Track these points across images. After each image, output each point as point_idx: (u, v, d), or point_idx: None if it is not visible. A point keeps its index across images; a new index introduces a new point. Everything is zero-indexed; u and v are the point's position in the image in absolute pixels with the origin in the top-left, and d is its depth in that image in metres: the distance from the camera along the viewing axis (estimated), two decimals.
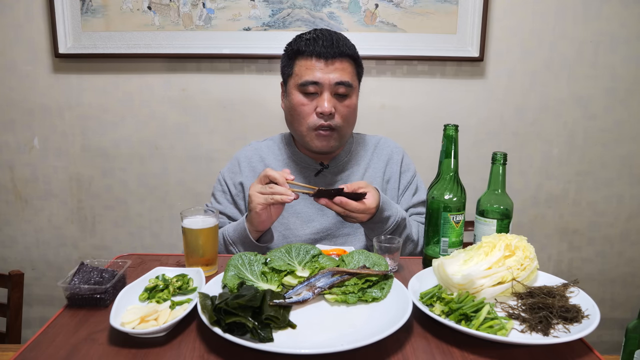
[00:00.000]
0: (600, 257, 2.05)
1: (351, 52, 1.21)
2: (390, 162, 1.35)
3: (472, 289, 0.85)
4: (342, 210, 1.08)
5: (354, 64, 1.23)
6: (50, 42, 1.87)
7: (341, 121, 1.21)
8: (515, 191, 1.97)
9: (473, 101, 1.92)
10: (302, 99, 1.21)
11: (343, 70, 1.19)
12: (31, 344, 0.76)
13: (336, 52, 1.18)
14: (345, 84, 1.18)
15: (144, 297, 0.88)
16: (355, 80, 1.23)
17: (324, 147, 1.23)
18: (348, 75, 1.19)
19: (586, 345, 0.78)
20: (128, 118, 1.95)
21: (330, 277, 0.89)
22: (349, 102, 1.21)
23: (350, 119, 1.24)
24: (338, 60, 1.18)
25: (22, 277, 1.47)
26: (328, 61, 1.18)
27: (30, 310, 2.10)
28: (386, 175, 1.34)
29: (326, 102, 1.17)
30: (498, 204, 1.03)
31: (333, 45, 1.18)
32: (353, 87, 1.21)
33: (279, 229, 1.28)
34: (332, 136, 1.22)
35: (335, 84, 1.18)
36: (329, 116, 1.19)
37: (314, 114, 1.20)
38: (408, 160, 1.39)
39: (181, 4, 1.83)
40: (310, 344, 0.74)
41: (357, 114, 1.27)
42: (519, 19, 1.85)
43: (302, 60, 1.20)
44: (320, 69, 1.18)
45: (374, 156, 1.35)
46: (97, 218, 2.03)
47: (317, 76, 1.18)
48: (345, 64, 1.20)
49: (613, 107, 1.92)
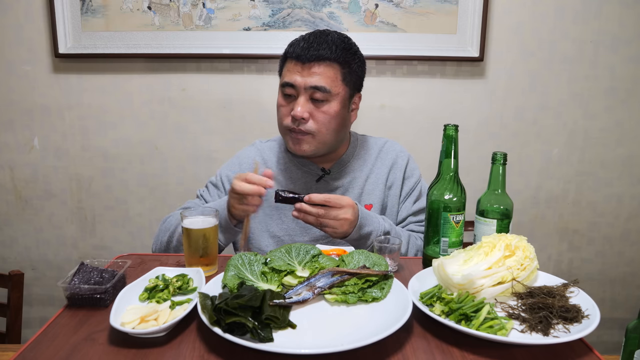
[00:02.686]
0: (600, 257, 2.05)
1: (335, 56, 1.15)
2: (394, 167, 1.32)
3: (472, 289, 0.85)
4: (313, 219, 1.07)
5: (339, 68, 1.17)
6: (50, 42, 1.87)
7: (316, 127, 1.17)
8: (515, 191, 1.97)
9: (473, 101, 1.92)
10: (282, 100, 1.20)
11: (320, 74, 1.14)
12: (31, 344, 0.76)
13: (313, 56, 1.14)
14: (320, 89, 1.14)
15: (144, 297, 0.88)
16: (338, 86, 1.17)
17: (297, 151, 1.21)
18: (326, 81, 1.15)
19: (586, 345, 0.78)
20: (128, 118, 1.95)
21: (330, 277, 0.89)
22: (326, 108, 1.16)
23: (329, 125, 1.18)
24: (316, 64, 1.14)
25: (22, 277, 1.47)
26: (305, 64, 1.15)
27: (30, 310, 2.10)
28: (389, 181, 1.31)
29: (299, 106, 1.15)
30: (498, 204, 1.03)
31: (312, 48, 1.14)
32: (332, 93, 1.16)
33: (279, 234, 1.27)
34: (305, 140, 1.18)
35: (310, 88, 1.15)
36: (300, 120, 1.16)
37: (289, 116, 1.18)
38: (413, 166, 1.36)
39: (181, 4, 1.83)
40: (310, 344, 0.74)
41: (342, 120, 1.21)
42: (519, 19, 1.85)
43: (288, 62, 1.19)
44: (298, 72, 1.16)
45: (378, 161, 1.32)
46: (97, 218, 2.03)
47: (293, 78, 1.16)
48: (324, 68, 1.15)
49: (613, 107, 1.92)
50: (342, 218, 1.07)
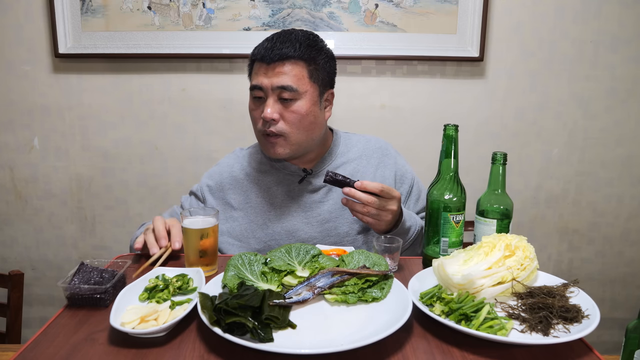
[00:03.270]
0: (600, 257, 2.05)
1: (299, 54, 1.13)
2: (381, 164, 1.30)
3: (472, 289, 0.85)
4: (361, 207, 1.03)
5: (305, 66, 1.14)
6: (50, 42, 1.87)
7: (287, 127, 1.14)
8: (515, 191, 1.97)
9: (473, 101, 1.92)
10: (252, 104, 1.19)
11: (286, 74, 1.12)
12: (31, 344, 0.76)
13: (277, 55, 1.12)
14: (287, 88, 1.12)
15: (144, 297, 0.88)
16: (305, 84, 1.14)
17: (272, 154, 1.18)
18: (292, 79, 1.12)
19: (586, 345, 0.78)
20: (128, 118, 1.95)
21: (330, 277, 0.89)
22: (295, 107, 1.14)
23: (300, 125, 1.15)
24: (279, 63, 1.12)
25: (22, 277, 1.47)
26: (270, 65, 1.13)
27: (30, 310, 2.10)
28: (377, 178, 1.28)
29: (268, 108, 1.12)
30: (498, 204, 1.03)
31: (275, 48, 1.12)
32: (299, 92, 1.13)
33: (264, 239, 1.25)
34: (278, 143, 1.16)
35: (277, 88, 1.12)
36: (271, 122, 1.14)
37: (261, 120, 1.16)
38: (402, 162, 1.33)
39: (181, 4, 1.83)
40: (310, 344, 0.74)
41: (313, 119, 1.18)
42: (519, 19, 1.85)
43: (255, 64, 1.18)
44: (263, 73, 1.14)
45: (363, 159, 1.30)
46: (97, 218, 2.03)
47: (260, 80, 1.14)
48: (289, 67, 1.13)
49: (613, 107, 1.92)
50: (389, 209, 1.05)
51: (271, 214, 1.24)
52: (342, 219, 1.24)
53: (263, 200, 1.26)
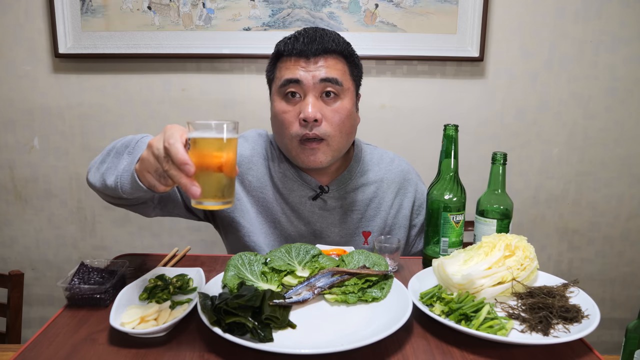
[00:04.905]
0: (600, 257, 2.05)
1: (341, 48, 1.04)
2: (401, 191, 1.20)
3: (472, 289, 0.85)
4: None
5: (345, 62, 1.06)
6: (50, 42, 1.87)
7: (330, 129, 1.03)
8: (515, 191, 1.97)
9: (473, 101, 1.92)
10: (284, 105, 1.05)
11: (329, 67, 1.02)
12: (31, 344, 0.76)
13: (319, 49, 1.02)
14: (332, 80, 1.01)
15: (144, 297, 0.88)
16: (347, 80, 1.05)
17: (312, 163, 1.05)
18: (337, 72, 1.02)
19: (586, 345, 0.78)
20: (128, 118, 1.95)
21: (330, 277, 0.89)
22: (339, 106, 1.03)
23: (342, 128, 1.04)
24: (322, 57, 1.02)
25: (22, 277, 1.47)
26: (311, 59, 1.02)
27: (30, 310, 2.10)
28: (394, 205, 1.19)
29: (310, 106, 1.00)
30: (498, 204, 1.03)
31: (316, 42, 1.02)
32: (344, 87, 1.04)
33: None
34: (321, 149, 1.03)
35: (320, 82, 1.01)
36: (313, 123, 1.01)
37: (297, 122, 1.02)
38: (422, 189, 1.23)
39: (181, 4, 1.83)
40: (310, 344, 0.74)
41: (353, 122, 1.08)
42: (519, 19, 1.85)
43: (283, 62, 1.05)
44: (302, 68, 1.02)
45: (384, 183, 1.18)
46: (97, 218, 2.03)
47: (297, 73, 1.02)
48: (332, 61, 1.03)
49: (613, 107, 1.92)
50: None
51: (282, 217, 1.15)
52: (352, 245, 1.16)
53: (276, 200, 1.14)
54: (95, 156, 1.00)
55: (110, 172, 0.91)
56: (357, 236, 1.17)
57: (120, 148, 0.94)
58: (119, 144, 0.96)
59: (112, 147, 0.97)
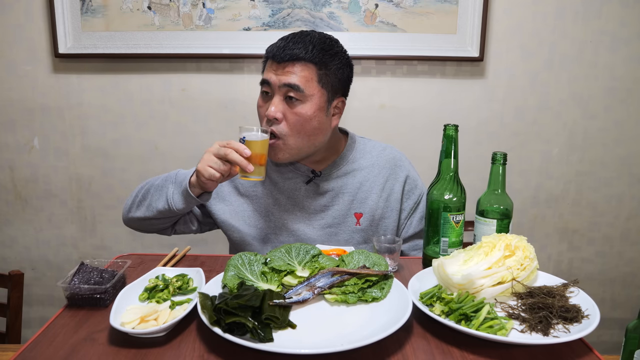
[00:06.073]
0: (600, 257, 2.05)
1: (311, 56, 1.11)
2: (392, 176, 1.26)
3: (472, 289, 0.85)
4: None
5: (316, 70, 1.12)
6: (50, 42, 1.87)
7: (287, 129, 1.12)
8: (515, 191, 1.97)
9: (473, 101, 1.92)
10: (260, 100, 1.18)
11: (295, 74, 1.10)
12: (31, 344, 0.76)
13: (287, 55, 1.10)
14: (293, 87, 1.09)
15: (144, 297, 0.88)
16: (312, 88, 1.11)
17: (272, 157, 1.15)
18: (299, 80, 1.10)
19: (586, 345, 0.78)
20: (128, 118, 1.95)
21: (330, 277, 0.89)
22: (300, 110, 1.11)
23: (302, 129, 1.12)
24: (290, 63, 1.10)
25: (22, 277, 1.47)
26: (280, 64, 1.11)
27: (30, 310, 2.10)
28: (385, 189, 1.25)
29: (273, 106, 1.11)
30: (498, 204, 1.03)
31: (287, 48, 1.11)
32: (305, 94, 1.10)
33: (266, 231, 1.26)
34: (278, 146, 1.13)
35: (283, 86, 1.10)
36: (274, 121, 1.12)
37: (265, 118, 1.14)
38: (414, 176, 1.29)
39: (181, 4, 1.83)
40: (310, 344, 0.74)
41: (317, 125, 1.14)
42: (519, 19, 1.85)
43: (268, 62, 1.17)
44: (273, 71, 1.13)
45: (375, 168, 1.26)
46: (97, 218, 2.03)
47: (268, 75, 1.13)
48: (299, 68, 1.10)
49: (613, 107, 1.92)
50: None
51: (275, 208, 1.24)
52: (344, 226, 1.23)
53: (269, 193, 1.25)
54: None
55: (158, 200, 1.17)
56: (349, 217, 1.23)
57: (158, 186, 1.19)
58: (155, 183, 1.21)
59: (146, 189, 1.21)
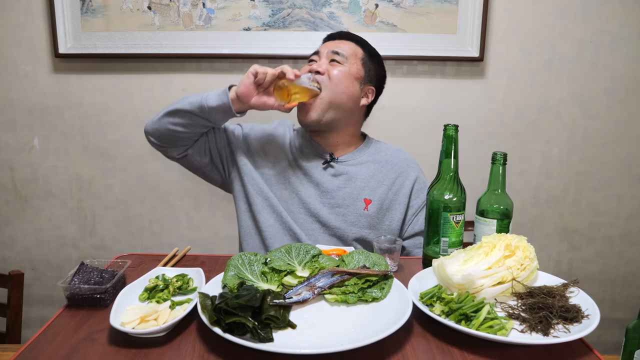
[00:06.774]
0: (600, 257, 2.05)
1: (362, 41, 1.32)
2: (402, 174, 1.32)
3: (472, 289, 0.85)
4: None
5: (361, 51, 1.30)
6: (50, 42, 1.87)
7: (326, 80, 1.25)
8: (515, 191, 1.97)
9: (473, 101, 1.92)
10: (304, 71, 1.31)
11: (345, 45, 1.29)
12: (31, 344, 0.76)
13: (344, 35, 1.33)
14: (339, 53, 1.27)
15: (144, 297, 0.88)
16: (355, 61, 1.29)
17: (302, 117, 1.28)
18: (347, 50, 1.28)
19: (586, 345, 0.78)
20: (128, 118, 1.95)
21: (330, 277, 0.89)
22: (340, 68, 1.26)
23: (337, 85, 1.25)
24: (343, 41, 1.30)
25: (22, 277, 1.47)
26: (334, 40, 1.32)
27: (30, 310, 2.10)
28: (395, 184, 1.31)
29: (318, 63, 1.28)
30: (498, 204, 1.03)
31: (342, 33, 1.35)
32: (348, 60, 1.27)
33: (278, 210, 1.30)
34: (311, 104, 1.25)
35: (331, 52, 1.27)
36: (317, 74, 1.26)
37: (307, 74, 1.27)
38: (423, 179, 1.35)
39: (181, 4, 1.83)
40: (310, 344, 0.74)
41: (351, 91, 1.28)
42: (519, 19, 1.85)
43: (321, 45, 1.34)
44: (324, 46, 1.31)
45: (387, 164, 1.33)
46: (97, 218, 2.03)
47: (319, 49, 1.31)
48: (349, 44, 1.29)
49: (613, 107, 1.92)
50: None
51: (293, 177, 1.32)
52: (352, 209, 1.27)
53: (290, 165, 1.34)
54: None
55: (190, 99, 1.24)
56: (358, 201, 1.29)
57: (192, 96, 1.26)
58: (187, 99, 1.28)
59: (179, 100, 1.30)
